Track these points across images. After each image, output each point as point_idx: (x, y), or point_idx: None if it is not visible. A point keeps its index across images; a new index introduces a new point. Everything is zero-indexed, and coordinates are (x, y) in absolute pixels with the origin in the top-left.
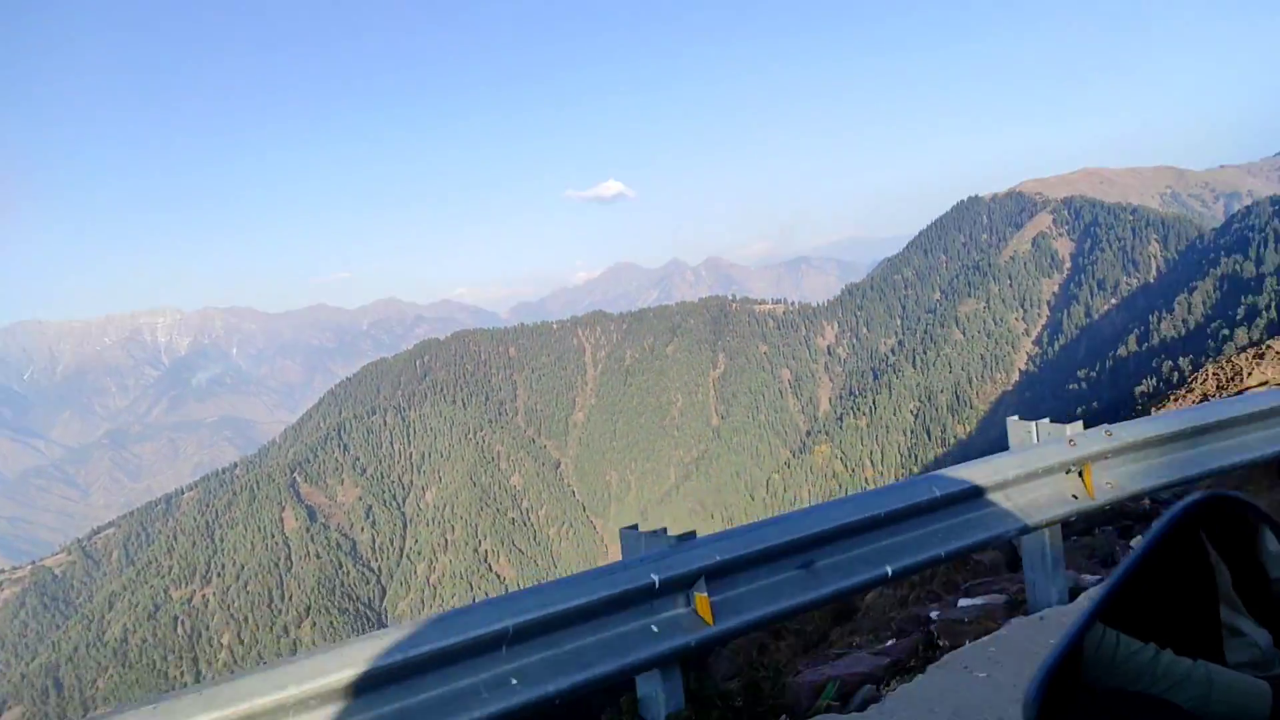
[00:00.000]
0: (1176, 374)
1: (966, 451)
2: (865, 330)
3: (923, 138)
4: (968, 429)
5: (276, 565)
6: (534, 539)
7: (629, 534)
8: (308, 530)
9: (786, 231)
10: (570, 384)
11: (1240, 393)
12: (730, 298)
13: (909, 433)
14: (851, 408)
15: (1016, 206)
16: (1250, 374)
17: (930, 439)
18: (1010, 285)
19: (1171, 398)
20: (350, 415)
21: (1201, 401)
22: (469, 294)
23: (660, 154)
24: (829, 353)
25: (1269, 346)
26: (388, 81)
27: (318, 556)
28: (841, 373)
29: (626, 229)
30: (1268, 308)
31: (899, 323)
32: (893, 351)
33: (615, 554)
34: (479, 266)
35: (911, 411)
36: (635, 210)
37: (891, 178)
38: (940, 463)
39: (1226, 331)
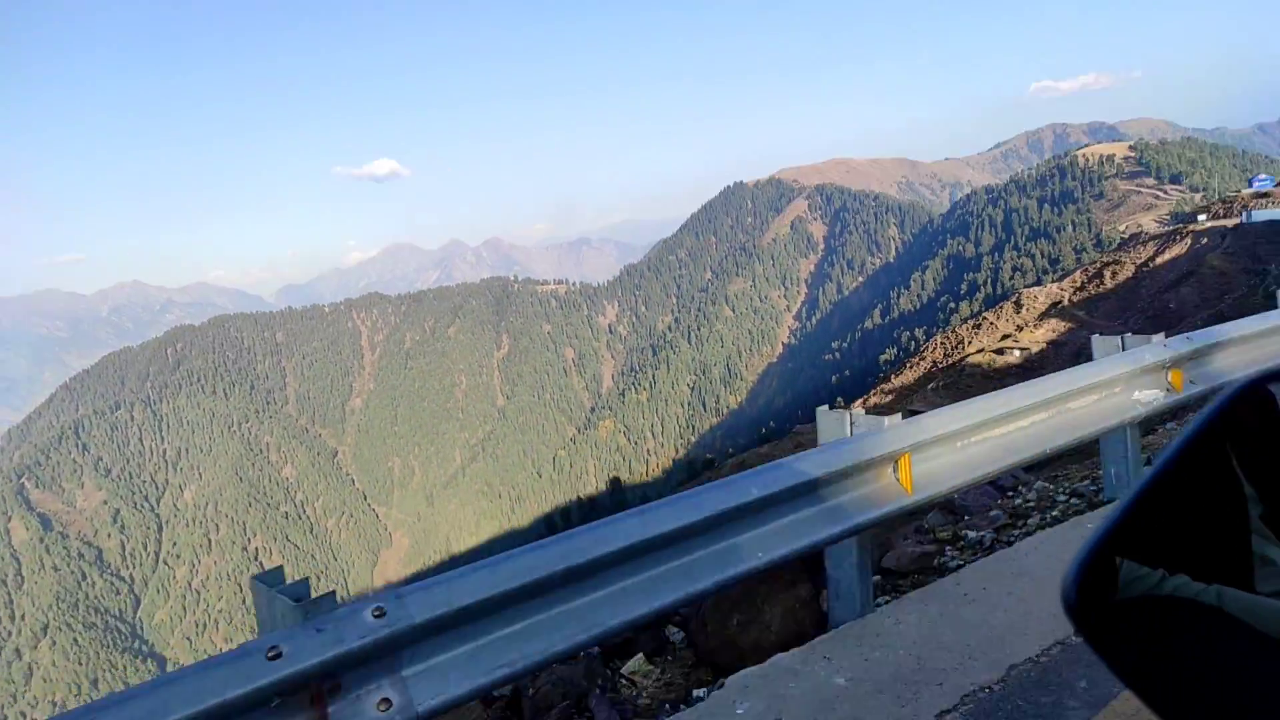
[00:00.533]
0: (913, 343)
1: (739, 420)
2: (644, 309)
3: (693, 124)
4: (739, 399)
5: (4, 583)
6: (310, 532)
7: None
8: (41, 541)
9: (566, 213)
10: (346, 369)
11: (963, 359)
12: (512, 278)
13: (687, 405)
14: (633, 383)
15: (776, 192)
16: (970, 342)
17: (706, 409)
18: (773, 265)
19: (907, 364)
20: (90, 411)
21: (933, 368)
22: (228, 276)
23: (436, 132)
24: (610, 331)
25: (984, 318)
26: (125, 40)
27: (55, 569)
28: (623, 350)
29: (402, 209)
30: (985, 283)
31: (675, 301)
32: (670, 329)
33: (401, 543)
34: (239, 247)
35: (689, 385)
36: (411, 189)
37: (666, 162)
38: (715, 431)
39: (953, 305)
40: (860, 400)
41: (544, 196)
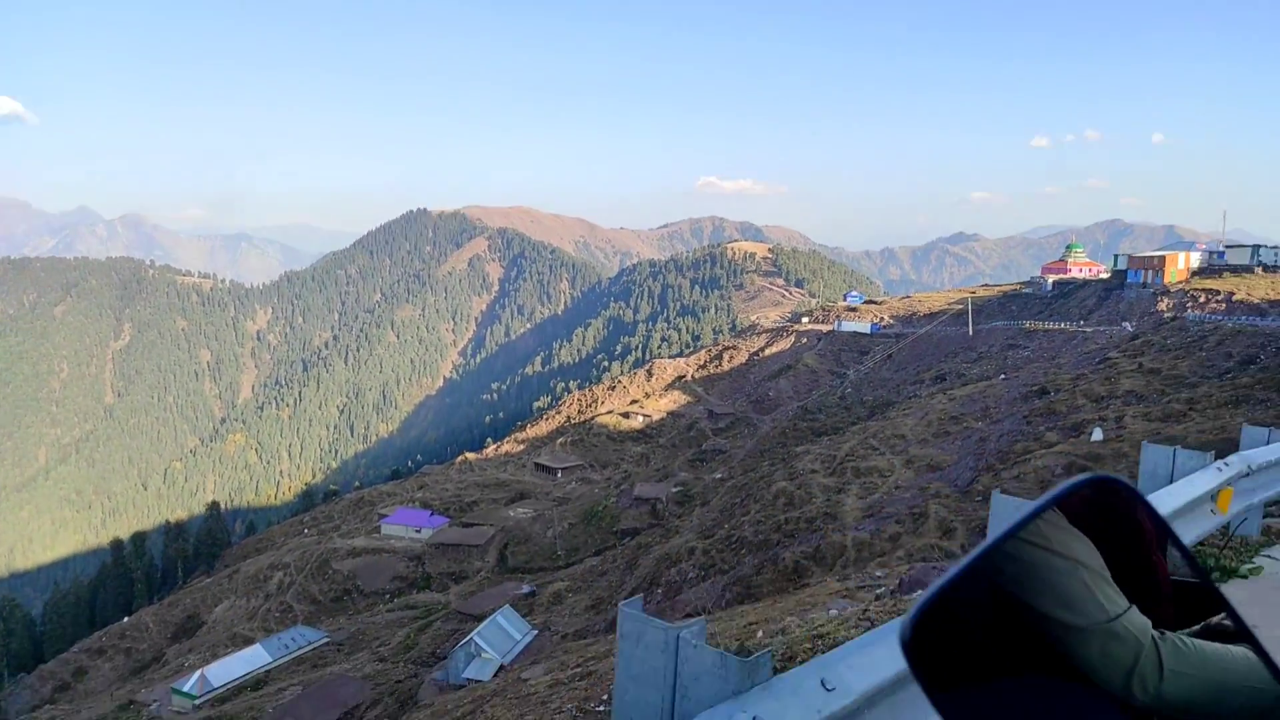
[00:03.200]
0: (566, 394)
1: (386, 449)
2: (301, 320)
3: (384, 137)
4: (390, 427)
5: None
6: None
7: None
8: None
9: (229, 202)
10: None
11: (594, 417)
12: (149, 263)
13: (333, 427)
14: (275, 397)
15: (459, 226)
16: (603, 402)
17: (354, 435)
18: (445, 298)
19: (543, 416)
20: None
21: (566, 422)
22: None
23: (76, 80)
24: (258, 338)
25: (619, 381)
26: None
27: None
28: (270, 360)
29: (21, 158)
30: (637, 348)
31: (337, 317)
32: (326, 345)
33: None
34: None
35: (338, 407)
36: (35, 138)
37: (350, 170)
38: (360, 459)
39: (607, 364)
40: (494, 446)
41: (204, 179)
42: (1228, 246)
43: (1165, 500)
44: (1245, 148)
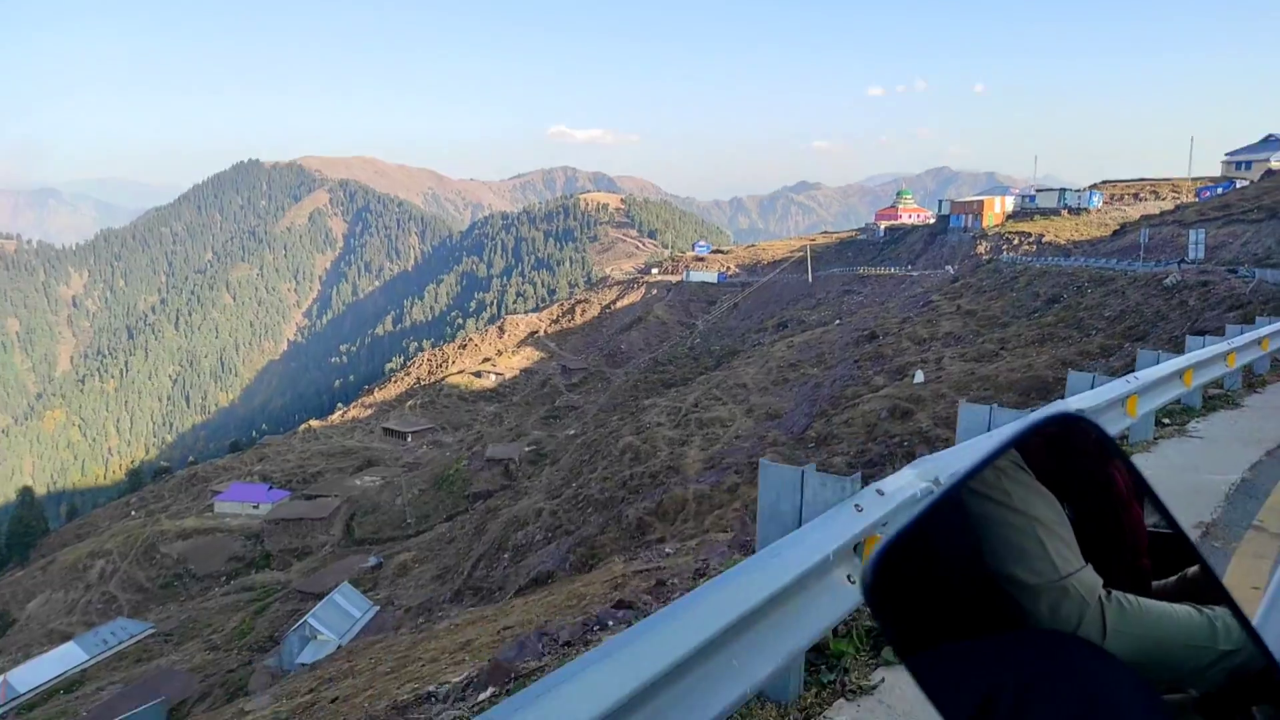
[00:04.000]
0: (419, 353)
1: (228, 419)
2: (123, 283)
3: (208, 80)
4: (231, 396)
5: None
6: None
7: None
8: None
9: (31, 153)
10: None
11: (444, 378)
12: None
13: (166, 399)
14: (98, 369)
15: (296, 179)
16: (454, 362)
17: (190, 406)
18: (285, 256)
19: (392, 379)
20: None
21: (416, 384)
22: None
23: None
24: (75, 304)
25: (469, 339)
26: None
27: None
28: (89, 328)
29: None
30: (492, 304)
31: (164, 279)
32: (154, 310)
33: None
34: None
35: (170, 376)
36: None
37: (170, 117)
38: (199, 431)
39: (461, 321)
40: (340, 413)
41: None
42: (1038, 190)
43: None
44: (1055, 97)
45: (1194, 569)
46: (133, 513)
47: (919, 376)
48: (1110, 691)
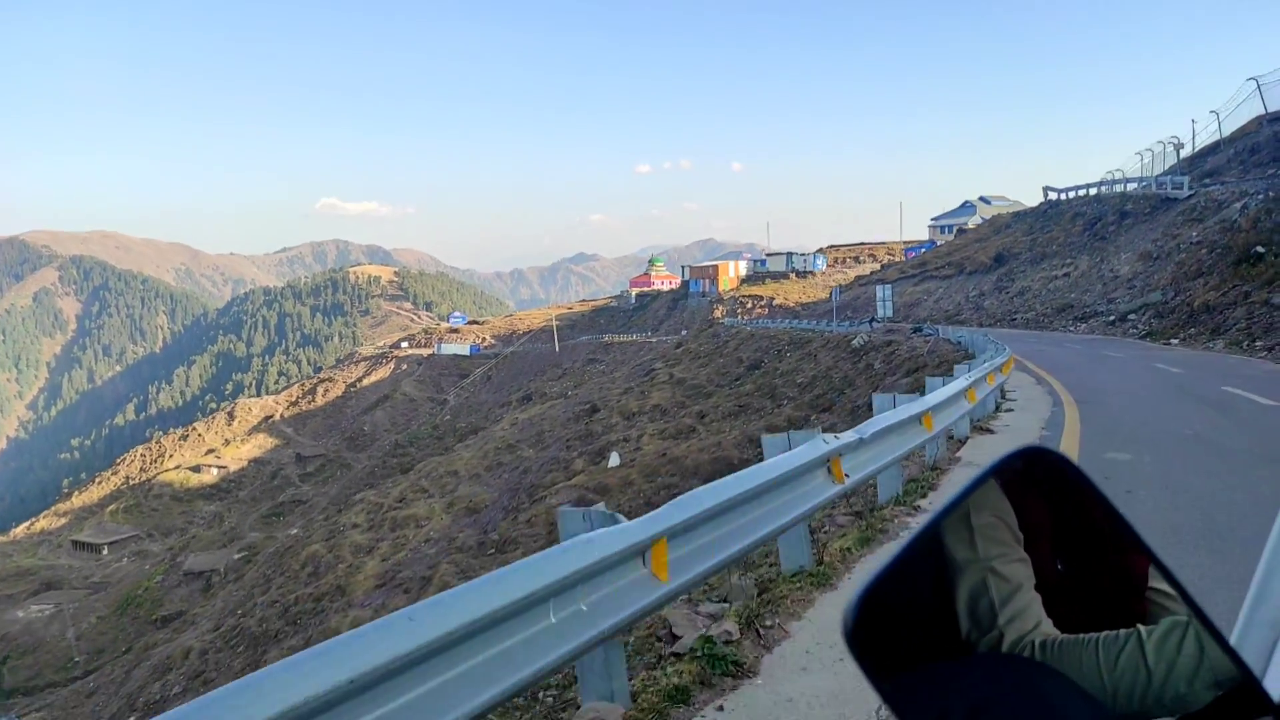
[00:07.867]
0: (133, 449)
1: None
2: None
3: None
4: None
5: None
6: None
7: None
8: None
9: None
10: None
11: (158, 475)
12: None
13: None
14: None
15: (19, 255)
16: (172, 456)
17: None
18: (5, 342)
19: (97, 478)
20: None
21: (125, 484)
22: None
23: None
24: None
25: (193, 429)
26: None
27: None
28: None
29: None
30: (251, 384)
31: None
32: None
33: None
34: None
35: None
36: None
37: None
38: None
39: (215, 405)
40: (26, 524)
41: None
42: (768, 255)
43: None
44: (795, 172)
45: (1168, 590)
46: None
47: (614, 459)
48: (1059, 711)
